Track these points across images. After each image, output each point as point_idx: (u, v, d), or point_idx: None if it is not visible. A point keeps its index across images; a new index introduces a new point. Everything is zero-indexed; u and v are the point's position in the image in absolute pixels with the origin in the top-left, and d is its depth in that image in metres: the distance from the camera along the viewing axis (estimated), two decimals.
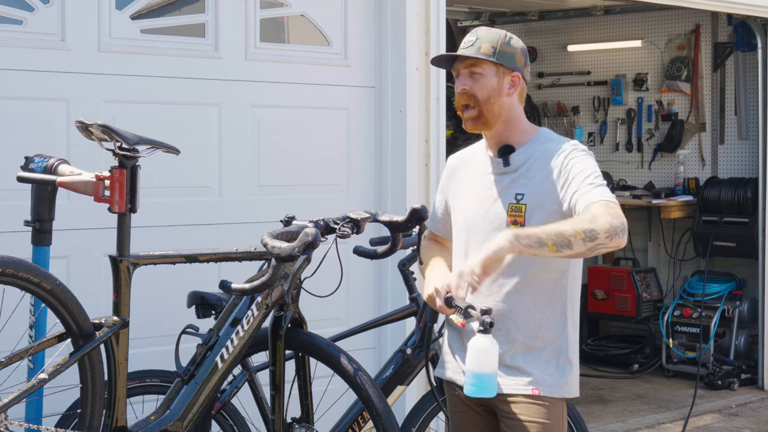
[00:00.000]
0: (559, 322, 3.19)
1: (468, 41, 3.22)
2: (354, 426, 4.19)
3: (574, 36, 9.27)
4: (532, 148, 3.20)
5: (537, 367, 3.16)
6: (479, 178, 3.27)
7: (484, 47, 3.18)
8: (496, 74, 3.19)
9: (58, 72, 4.67)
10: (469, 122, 3.21)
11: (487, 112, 3.18)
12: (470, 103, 3.18)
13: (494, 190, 3.21)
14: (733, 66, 8.44)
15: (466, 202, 3.28)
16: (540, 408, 3.15)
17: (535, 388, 3.14)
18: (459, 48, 3.24)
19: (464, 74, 3.21)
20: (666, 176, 8.83)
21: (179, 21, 5.13)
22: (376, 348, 5.64)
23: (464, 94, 3.19)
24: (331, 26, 5.57)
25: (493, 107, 3.18)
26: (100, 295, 4.47)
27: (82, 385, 3.54)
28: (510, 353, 3.17)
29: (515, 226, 3.11)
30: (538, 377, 3.15)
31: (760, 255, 7.90)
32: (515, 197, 3.16)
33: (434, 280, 3.18)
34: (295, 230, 3.57)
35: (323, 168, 5.55)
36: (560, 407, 3.20)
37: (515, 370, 3.17)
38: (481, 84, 3.18)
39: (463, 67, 3.21)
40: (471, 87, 3.18)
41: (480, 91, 3.17)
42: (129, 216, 3.58)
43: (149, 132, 3.75)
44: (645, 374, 8.30)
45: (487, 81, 3.18)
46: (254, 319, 3.72)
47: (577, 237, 2.89)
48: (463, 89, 3.19)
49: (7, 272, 3.30)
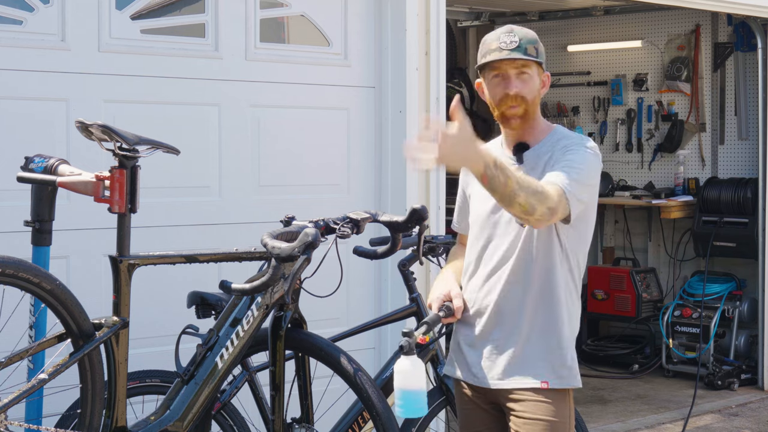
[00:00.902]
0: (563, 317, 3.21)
1: (510, 41, 3.21)
2: (354, 426, 4.19)
3: (574, 36, 9.27)
4: (545, 147, 3.24)
5: (544, 359, 3.19)
6: None
7: (530, 48, 3.22)
8: (538, 74, 3.25)
9: (58, 72, 4.67)
10: (515, 120, 3.22)
11: (532, 111, 3.23)
12: (517, 104, 3.21)
13: None
14: (733, 66, 8.44)
15: (480, 197, 3.29)
16: (547, 404, 3.17)
17: (543, 381, 3.17)
18: (499, 48, 3.22)
19: (513, 75, 3.21)
20: (666, 176, 8.83)
21: (179, 21, 5.13)
22: (376, 348, 5.64)
23: (518, 97, 3.20)
24: (331, 26, 5.57)
25: (536, 107, 3.25)
26: (100, 295, 4.47)
27: (82, 385, 3.54)
28: (512, 348, 3.20)
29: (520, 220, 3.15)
30: (542, 370, 3.18)
31: (760, 255, 7.90)
32: None
33: (437, 289, 3.31)
34: (295, 230, 3.57)
35: (323, 168, 5.55)
36: (567, 398, 3.23)
37: (521, 364, 3.19)
38: (530, 85, 3.22)
39: (512, 68, 3.21)
40: (521, 89, 3.20)
41: (529, 93, 3.21)
42: (129, 216, 3.58)
43: (149, 132, 3.75)
44: (645, 374, 8.30)
45: (534, 82, 3.23)
46: (254, 320, 3.72)
47: (522, 202, 2.92)
48: (516, 92, 3.20)
49: (7, 272, 3.30)
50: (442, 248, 4.45)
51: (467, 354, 3.30)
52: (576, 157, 3.15)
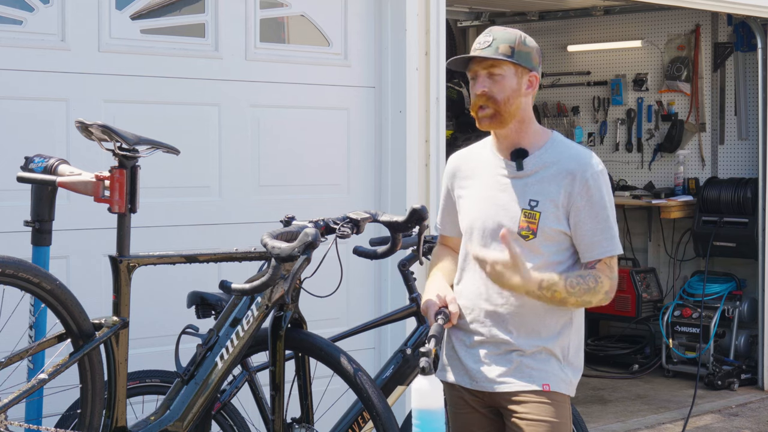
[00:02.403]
0: (566, 322, 3.21)
1: (484, 41, 3.17)
2: (354, 426, 4.19)
3: (574, 36, 9.27)
4: (546, 155, 3.19)
5: (545, 363, 3.17)
6: (490, 179, 3.25)
7: (502, 47, 3.14)
8: (515, 74, 3.16)
9: (58, 72, 4.67)
10: (484, 120, 3.18)
11: (505, 112, 3.15)
12: (488, 104, 3.16)
13: (507, 193, 3.20)
14: (733, 66, 8.44)
15: (475, 201, 3.27)
16: (548, 405, 3.16)
17: (545, 383, 3.16)
18: (473, 49, 3.19)
19: (483, 75, 3.17)
20: (666, 176, 8.83)
21: (179, 21, 5.13)
22: (376, 348, 5.64)
23: (483, 95, 3.15)
24: (331, 26, 5.57)
25: (511, 107, 3.15)
26: (100, 295, 4.47)
27: (82, 385, 3.54)
28: (517, 352, 3.18)
29: (527, 231, 3.14)
30: (546, 374, 3.17)
31: (760, 255, 7.90)
32: (529, 203, 3.16)
33: (429, 292, 3.30)
34: (295, 230, 3.57)
35: (323, 168, 5.55)
36: (567, 404, 3.22)
37: (522, 367, 3.17)
38: (501, 85, 3.15)
39: (481, 68, 3.17)
40: (490, 88, 3.15)
41: (500, 93, 3.14)
42: (129, 216, 3.58)
43: (149, 132, 3.75)
44: (645, 374, 8.30)
45: (507, 82, 3.15)
46: (254, 320, 3.72)
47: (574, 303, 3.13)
48: (482, 91, 3.15)
49: (7, 272, 3.30)
50: None
51: (464, 358, 3.27)
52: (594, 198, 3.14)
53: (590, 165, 3.16)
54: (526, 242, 3.15)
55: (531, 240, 3.14)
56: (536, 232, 3.14)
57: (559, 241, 3.16)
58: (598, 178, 3.15)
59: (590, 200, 3.13)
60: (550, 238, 3.15)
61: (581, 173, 3.14)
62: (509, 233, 3.05)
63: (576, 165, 3.16)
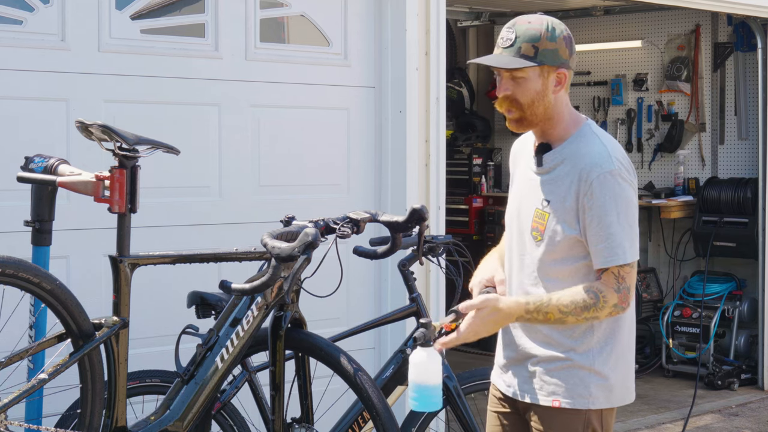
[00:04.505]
0: (585, 331, 2.98)
1: (506, 39, 2.96)
2: (354, 426, 4.19)
3: (574, 36, 9.23)
4: (565, 151, 2.99)
5: (558, 376, 2.99)
6: (523, 173, 3.11)
7: (525, 47, 2.93)
8: (540, 75, 2.95)
9: (58, 72, 4.67)
10: (512, 123, 3.02)
11: (531, 115, 2.97)
12: (513, 108, 2.98)
13: (528, 190, 3.05)
14: (733, 66, 8.44)
15: (511, 194, 3.16)
16: (559, 420, 3.00)
17: (555, 399, 2.99)
18: (496, 45, 3.00)
19: (506, 77, 2.97)
20: (666, 176, 8.83)
21: (179, 21, 5.13)
22: (376, 348, 5.64)
23: (507, 99, 2.97)
24: (331, 26, 5.57)
25: (537, 109, 2.96)
26: (100, 295, 4.47)
27: (82, 385, 3.54)
28: (533, 359, 3.03)
29: (537, 233, 2.98)
30: (558, 387, 2.99)
31: (760, 255, 7.90)
32: (542, 202, 2.99)
33: (480, 273, 3.20)
34: (295, 230, 3.57)
35: (323, 168, 5.55)
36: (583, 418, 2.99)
37: (536, 378, 3.02)
38: (524, 88, 2.95)
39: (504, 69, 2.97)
40: (513, 91, 2.96)
41: (523, 96, 2.95)
42: (129, 216, 3.58)
43: (149, 132, 3.75)
44: (645, 374, 8.30)
45: (530, 84, 2.95)
46: (254, 320, 3.72)
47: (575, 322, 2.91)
48: (505, 94, 2.97)
49: (7, 272, 3.30)
50: (442, 248, 4.44)
51: (498, 357, 3.17)
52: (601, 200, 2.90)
53: (599, 164, 2.91)
54: (536, 244, 3.00)
55: (539, 242, 2.99)
56: (543, 234, 2.97)
57: (569, 245, 2.96)
58: (606, 179, 2.90)
59: (593, 203, 2.90)
60: (558, 242, 2.96)
61: (587, 173, 2.91)
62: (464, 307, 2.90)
63: (585, 163, 2.93)
